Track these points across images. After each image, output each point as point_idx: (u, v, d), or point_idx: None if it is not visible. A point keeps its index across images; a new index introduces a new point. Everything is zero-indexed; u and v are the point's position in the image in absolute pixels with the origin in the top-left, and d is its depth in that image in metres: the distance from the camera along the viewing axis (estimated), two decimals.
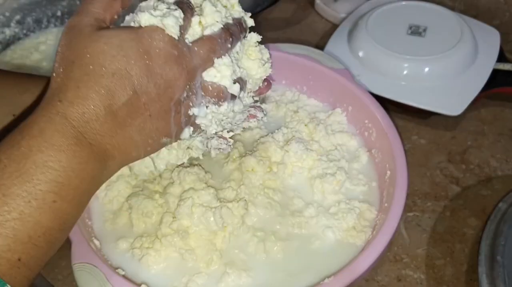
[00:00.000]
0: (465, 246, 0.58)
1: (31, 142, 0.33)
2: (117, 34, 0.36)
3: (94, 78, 0.35)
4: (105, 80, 0.35)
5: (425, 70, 0.67)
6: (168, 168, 0.53)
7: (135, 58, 0.36)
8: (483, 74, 0.68)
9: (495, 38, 0.72)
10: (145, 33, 0.37)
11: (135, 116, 0.37)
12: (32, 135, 0.33)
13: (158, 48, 0.37)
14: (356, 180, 0.56)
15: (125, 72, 0.36)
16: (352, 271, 0.44)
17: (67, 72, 0.36)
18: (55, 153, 0.33)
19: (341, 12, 0.84)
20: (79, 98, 0.35)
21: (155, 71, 0.37)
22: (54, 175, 0.33)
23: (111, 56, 0.35)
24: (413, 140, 0.69)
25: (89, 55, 0.35)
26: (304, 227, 0.51)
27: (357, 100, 0.59)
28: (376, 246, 0.45)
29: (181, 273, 0.48)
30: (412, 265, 0.56)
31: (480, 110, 0.71)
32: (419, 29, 0.71)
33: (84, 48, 0.36)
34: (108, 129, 0.36)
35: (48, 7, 0.76)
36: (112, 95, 0.35)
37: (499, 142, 0.68)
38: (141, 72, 0.36)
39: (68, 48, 0.37)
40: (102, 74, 0.35)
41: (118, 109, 0.36)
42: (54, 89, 0.36)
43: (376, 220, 0.52)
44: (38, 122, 0.34)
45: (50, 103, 0.35)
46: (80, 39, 0.36)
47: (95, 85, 0.35)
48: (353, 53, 0.72)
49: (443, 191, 0.63)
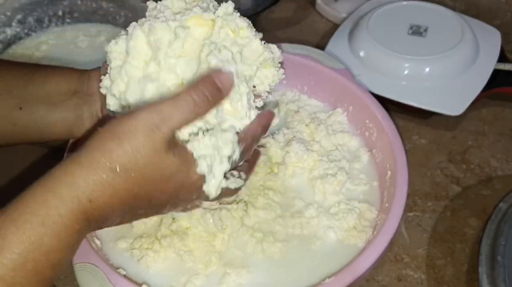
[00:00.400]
0: (465, 246, 0.58)
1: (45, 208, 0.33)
2: (181, 172, 0.38)
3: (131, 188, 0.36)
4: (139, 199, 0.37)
5: (425, 70, 0.67)
6: None
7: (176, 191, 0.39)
8: (484, 74, 0.68)
9: (496, 38, 0.72)
10: (198, 181, 0.39)
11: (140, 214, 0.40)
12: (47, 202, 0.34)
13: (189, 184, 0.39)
14: (357, 179, 0.56)
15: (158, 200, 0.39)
16: (352, 271, 0.44)
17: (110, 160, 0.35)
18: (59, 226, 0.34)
19: (342, 12, 0.84)
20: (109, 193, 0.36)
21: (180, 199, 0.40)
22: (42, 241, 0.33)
23: (162, 185, 0.38)
24: (414, 140, 0.69)
25: (145, 176, 0.36)
26: (305, 227, 0.51)
27: (358, 100, 0.59)
28: (376, 246, 0.45)
29: (180, 273, 0.48)
30: (413, 265, 0.56)
31: (480, 110, 0.71)
32: (420, 29, 0.71)
33: (152, 165, 0.36)
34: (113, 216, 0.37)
35: (50, 7, 0.76)
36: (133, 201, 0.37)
37: (500, 142, 0.68)
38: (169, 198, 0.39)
39: (137, 152, 0.36)
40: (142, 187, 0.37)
41: (131, 209, 0.38)
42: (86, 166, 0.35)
43: (376, 220, 0.52)
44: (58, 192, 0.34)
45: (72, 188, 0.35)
46: (153, 154, 0.36)
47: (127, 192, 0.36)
48: (354, 53, 0.72)
49: (443, 191, 0.63)
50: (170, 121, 0.36)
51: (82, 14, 0.78)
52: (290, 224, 0.51)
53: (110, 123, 0.36)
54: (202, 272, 0.48)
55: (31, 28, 0.76)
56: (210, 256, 0.49)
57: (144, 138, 0.35)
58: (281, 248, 0.50)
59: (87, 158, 0.35)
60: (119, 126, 0.35)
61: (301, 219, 0.52)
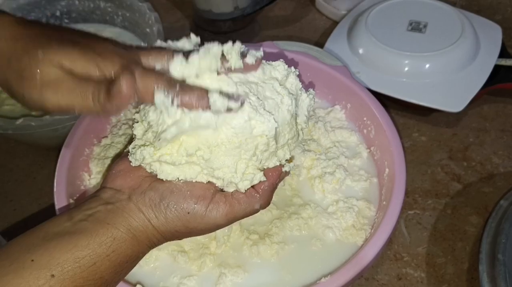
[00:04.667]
0: (466, 244, 0.57)
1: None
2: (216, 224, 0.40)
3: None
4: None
5: (426, 66, 0.67)
6: None
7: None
8: (485, 70, 0.67)
9: (497, 34, 0.71)
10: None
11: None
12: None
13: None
14: (357, 175, 0.55)
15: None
16: (349, 269, 0.43)
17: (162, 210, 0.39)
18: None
19: (341, 9, 0.83)
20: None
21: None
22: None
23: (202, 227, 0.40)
24: (414, 137, 0.68)
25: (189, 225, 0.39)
26: (304, 228, 0.51)
27: (356, 98, 0.59)
28: (374, 244, 0.45)
29: (173, 274, 0.48)
30: (413, 263, 0.56)
31: (482, 107, 0.71)
32: (420, 25, 0.70)
33: (194, 222, 0.39)
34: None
35: (47, 7, 0.76)
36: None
37: (501, 139, 0.67)
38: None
39: (182, 220, 0.39)
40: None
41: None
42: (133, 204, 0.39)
43: (375, 218, 0.51)
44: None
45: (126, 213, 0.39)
46: (195, 219, 0.39)
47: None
48: (353, 50, 0.71)
49: (444, 189, 0.62)
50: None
51: (80, 14, 0.77)
52: (288, 226, 0.51)
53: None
54: (196, 273, 0.48)
55: None
56: (204, 258, 0.48)
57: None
58: (278, 250, 0.49)
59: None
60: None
61: (298, 221, 0.51)
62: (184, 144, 0.38)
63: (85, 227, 0.36)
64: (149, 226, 0.38)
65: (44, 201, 0.64)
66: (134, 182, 0.40)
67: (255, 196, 0.40)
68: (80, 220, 0.37)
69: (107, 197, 0.39)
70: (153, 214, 0.38)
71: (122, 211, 0.38)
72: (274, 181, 0.41)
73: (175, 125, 0.37)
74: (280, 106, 0.40)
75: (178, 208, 0.38)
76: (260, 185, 0.40)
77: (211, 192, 0.39)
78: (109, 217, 0.37)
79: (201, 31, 0.81)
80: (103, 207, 0.38)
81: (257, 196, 0.40)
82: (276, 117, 0.39)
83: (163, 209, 0.38)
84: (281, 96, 0.40)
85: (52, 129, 0.59)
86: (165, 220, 0.38)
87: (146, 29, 0.72)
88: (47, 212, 0.62)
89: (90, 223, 0.36)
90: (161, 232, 0.39)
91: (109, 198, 0.39)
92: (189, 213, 0.38)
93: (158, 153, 0.39)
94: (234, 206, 0.39)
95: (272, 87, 0.41)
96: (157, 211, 0.38)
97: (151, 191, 0.39)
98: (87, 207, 0.38)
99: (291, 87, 0.42)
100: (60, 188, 0.50)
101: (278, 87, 0.41)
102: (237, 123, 0.38)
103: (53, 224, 0.37)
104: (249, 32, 0.83)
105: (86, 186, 0.55)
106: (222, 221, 0.39)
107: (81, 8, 0.77)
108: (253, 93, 0.39)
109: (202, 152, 0.38)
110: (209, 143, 0.38)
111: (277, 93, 0.40)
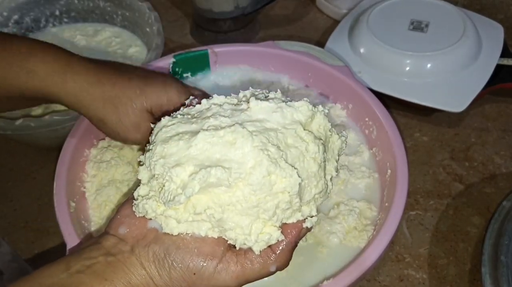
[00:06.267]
0: (468, 245, 0.57)
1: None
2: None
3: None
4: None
5: (427, 66, 0.66)
6: None
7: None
8: (487, 70, 0.66)
9: (499, 33, 0.71)
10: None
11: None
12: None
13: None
14: (360, 172, 0.55)
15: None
16: (351, 272, 0.43)
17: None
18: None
19: (342, 8, 0.83)
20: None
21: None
22: None
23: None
24: (416, 137, 0.68)
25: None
26: (309, 237, 0.50)
27: (358, 98, 0.58)
28: (376, 246, 0.44)
29: None
30: (415, 264, 0.55)
31: (484, 107, 0.70)
32: (421, 24, 0.70)
33: (201, 284, 0.36)
34: None
35: (47, 7, 0.75)
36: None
37: (504, 139, 0.67)
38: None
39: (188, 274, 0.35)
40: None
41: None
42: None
43: (377, 219, 0.51)
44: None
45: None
46: (201, 280, 0.35)
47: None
48: (354, 49, 0.71)
49: (446, 189, 0.62)
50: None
51: (79, 13, 0.77)
52: None
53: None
54: None
55: (28, 28, 0.75)
56: None
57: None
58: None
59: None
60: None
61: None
62: (192, 201, 0.34)
63: (82, 281, 0.33)
64: (151, 284, 0.35)
65: (44, 201, 0.63)
66: (139, 231, 0.36)
67: (271, 257, 0.36)
68: (77, 271, 0.34)
69: (109, 246, 0.36)
70: (156, 271, 0.35)
71: (123, 265, 0.35)
72: (294, 239, 0.36)
73: (183, 192, 0.33)
74: (305, 155, 0.35)
75: (183, 267, 0.35)
76: (277, 244, 0.36)
77: (221, 250, 0.36)
78: (108, 271, 0.34)
79: (201, 31, 0.81)
80: (103, 258, 0.35)
81: (274, 256, 0.36)
82: (300, 170, 0.34)
83: (167, 267, 0.35)
84: (305, 143, 0.36)
85: (52, 130, 0.58)
86: (169, 279, 0.35)
87: (146, 29, 0.72)
88: (47, 212, 0.62)
89: (87, 277, 0.34)
90: None
91: (111, 248, 0.36)
92: (195, 274, 0.35)
93: (161, 208, 0.35)
94: (246, 268, 0.35)
95: (294, 133, 0.36)
96: (160, 269, 0.35)
97: (155, 245, 0.35)
98: (87, 256, 0.35)
99: (318, 130, 0.38)
100: (60, 188, 0.50)
101: (301, 132, 0.36)
102: (255, 180, 0.33)
103: (49, 274, 0.34)
104: (250, 32, 0.83)
105: (86, 187, 0.54)
106: (232, 284, 0.35)
107: (80, 7, 0.76)
108: (272, 142, 0.34)
109: (212, 211, 0.34)
110: (222, 202, 0.34)
111: (301, 140, 0.36)
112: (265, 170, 0.33)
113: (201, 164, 0.34)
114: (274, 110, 0.37)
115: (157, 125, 0.39)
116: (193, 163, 0.34)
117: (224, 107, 0.38)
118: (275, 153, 0.34)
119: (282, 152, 0.34)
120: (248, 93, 0.40)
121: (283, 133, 0.35)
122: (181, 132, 0.36)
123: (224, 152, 0.34)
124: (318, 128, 0.38)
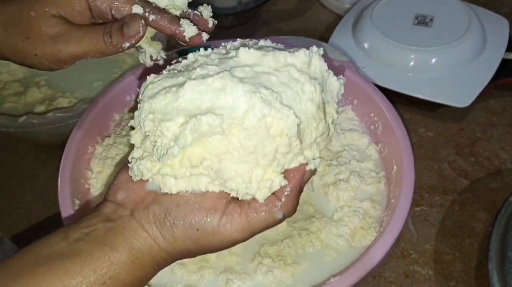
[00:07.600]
0: (474, 240, 0.56)
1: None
2: (232, 239, 0.35)
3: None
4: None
5: (432, 61, 0.66)
6: None
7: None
8: (492, 65, 0.66)
9: (504, 27, 0.70)
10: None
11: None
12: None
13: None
14: (370, 179, 0.53)
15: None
16: (358, 269, 0.43)
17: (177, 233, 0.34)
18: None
19: (346, 3, 0.82)
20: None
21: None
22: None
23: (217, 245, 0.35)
24: (421, 133, 0.67)
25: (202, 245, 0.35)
26: (316, 243, 0.49)
27: (363, 94, 0.58)
28: (382, 243, 0.44)
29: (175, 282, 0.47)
30: (420, 260, 0.55)
31: (489, 102, 0.70)
32: (426, 19, 0.69)
33: (206, 239, 0.34)
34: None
35: None
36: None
37: (509, 134, 0.66)
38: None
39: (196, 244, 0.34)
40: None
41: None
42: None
43: (383, 216, 0.50)
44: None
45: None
46: (206, 235, 0.34)
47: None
48: (358, 44, 0.70)
49: (451, 185, 0.62)
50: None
51: None
52: (300, 244, 0.48)
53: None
54: (196, 284, 0.46)
55: None
56: (203, 270, 0.47)
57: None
58: (294, 272, 0.47)
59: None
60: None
61: (309, 236, 0.49)
62: (187, 154, 0.33)
63: (81, 248, 0.32)
64: (154, 246, 0.34)
65: (47, 199, 0.63)
66: (137, 195, 0.35)
67: (277, 204, 0.34)
68: (76, 239, 0.33)
69: (108, 213, 0.35)
70: (158, 232, 0.34)
71: (123, 229, 0.34)
72: (297, 183, 0.35)
73: (176, 143, 0.32)
74: (302, 96, 0.33)
75: (185, 224, 0.33)
76: (281, 190, 0.34)
77: (224, 203, 0.34)
78: (108, 237, 0.33)
79: None
80: (102, 224, 0.34)
81: (279, 203, 0.34)
82: (297, 111, 0.33)
83: (169, 226, 0.34)
84: (301, 83, 0.33)
85: (55, 127, 0.58)
86: (173, 239, 0.34)
87: None
88: (51, 210, 0.62)
89: (87, 244, 0.33)
90: (168, 252, 0.34)
91: (110, 214, 0.35)
92: (199, 230, 0.33)
93: (157, 167, 0.34)
94: (252, 218, 0.34)
95: (288, 75, 0.34)
96: (162, 229, 0.34)
97: (155, 206, 0.34)
98: (85, 224, 0.34)
99: (314, 71, 0.35)
100: (64, 186, 0.49)
101: (296, 73, 0.34)
102: (249, 123, 0.32)
103: (47, 244, 0.33)
104: (252, 27, 0.82)
105: (90, 185, 0.54)
106: (238, 236, 0.34)
107: None
108: (264, 85, 0.33)
109: (209, 162, 0.33)
110: (218, 151, 0.32)
111: (295, 81, 0.34)
112: (259, 112, 0.32)
113: (191, 114, 0.32)
114: (265, 54, 0.35)
115: (143, 84, 0.37)
116: (183, 114, 0.33)
117: (211, 57, 0.36)
118: (269, 95, 0.32)
119: (276, 94, 0.32)
120: (237, 43, 0.38)
121: (276, 75, 0.34)
122: (168, 86, 0.34)
123: (214, 99, 0.32)
124: (315, 69, 0.35)
